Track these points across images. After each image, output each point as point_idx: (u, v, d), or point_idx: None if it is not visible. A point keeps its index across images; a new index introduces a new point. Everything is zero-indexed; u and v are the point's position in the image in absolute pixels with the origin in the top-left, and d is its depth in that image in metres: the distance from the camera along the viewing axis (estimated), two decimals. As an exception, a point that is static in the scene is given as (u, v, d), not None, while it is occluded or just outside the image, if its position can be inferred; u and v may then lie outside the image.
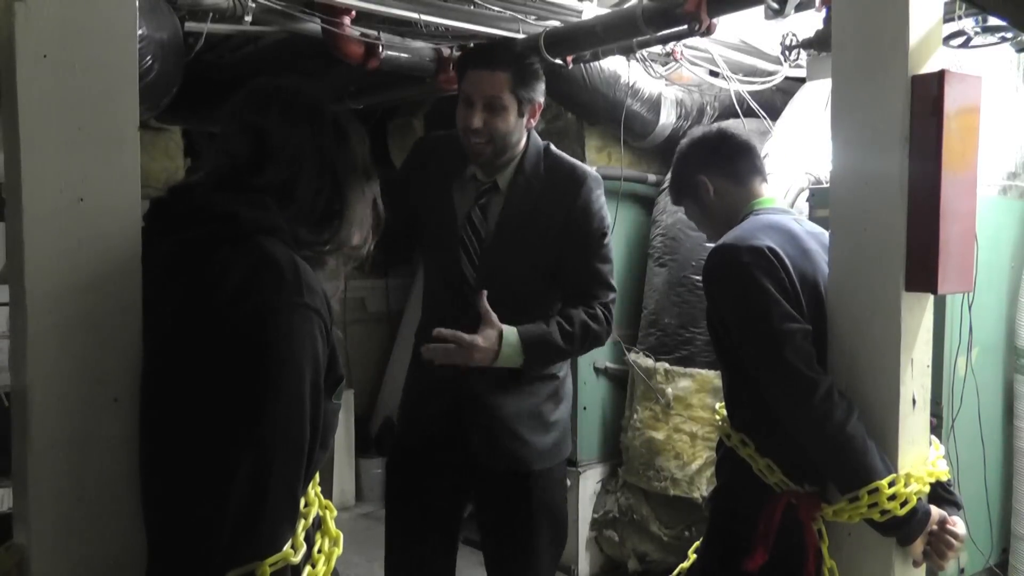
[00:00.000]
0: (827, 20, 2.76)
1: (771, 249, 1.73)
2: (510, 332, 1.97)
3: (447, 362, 1.94)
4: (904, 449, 1.65)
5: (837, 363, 1.71)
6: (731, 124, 3.54)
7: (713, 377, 3.46)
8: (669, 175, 2.15)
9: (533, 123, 2.12)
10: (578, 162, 2.19)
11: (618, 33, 2.91)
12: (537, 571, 2.16)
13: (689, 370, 3.54)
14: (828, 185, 2.02)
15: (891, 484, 1.59)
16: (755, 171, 1.97)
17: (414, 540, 2.18)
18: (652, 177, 3.87)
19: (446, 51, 3.27)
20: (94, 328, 1.21)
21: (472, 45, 3.12)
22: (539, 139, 2.17)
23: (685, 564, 2.02)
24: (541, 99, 2.11)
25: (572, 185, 2.10)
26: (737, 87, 3.49)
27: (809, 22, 3.00)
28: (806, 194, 3.24)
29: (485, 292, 1.97)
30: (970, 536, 1.88)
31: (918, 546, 1.63)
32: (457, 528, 2.24)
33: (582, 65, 3.30)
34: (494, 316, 1.96)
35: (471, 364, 1.94)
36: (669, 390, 3.54)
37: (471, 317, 1.98)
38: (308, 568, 1.24)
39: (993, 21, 2.59)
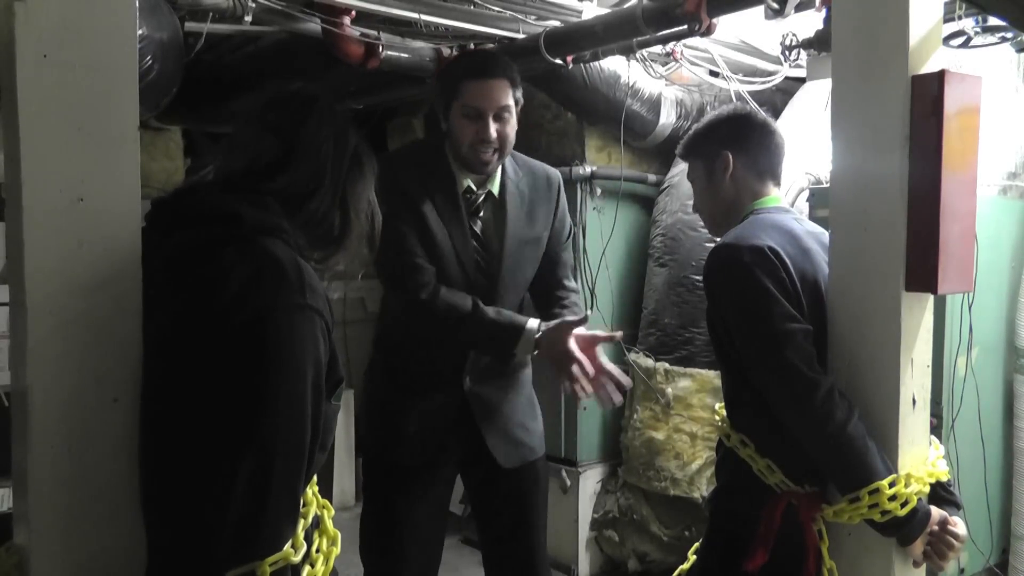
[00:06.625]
0: (827, 20, 2.76)
1: (772, 249, 1.73)
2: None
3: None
4: (904, 449, 1.65)
5: (837, 363, 1.71)
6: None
7: (713, 377, 3.46)
8: (693, 130, 2.03)
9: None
10: (537, 161, 2.29)
11: (618, 33, 2.90)
12: (544, 550, 2.25)
13: (689, 370, 3.54)
14: (828, 185, 2.02)
15: (891, 484, 1.59)
16: (773, 173, 1.95)
17: (421, 544, 2.16)
18: (652, 177, 3.87)
19: (446, 51, 3.26)
20: (94, 328, 1.21)
21: (457, 54, 3.08)
22: None
23: (685, 565, 2.02)
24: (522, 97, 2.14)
25: (552, 183, 2.24)
26: (737, 87, 3.49)
27: (809, 22, 3.00)
28: (806, 194, 3.24)
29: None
30: (970, 536, 1.87)
31: (918, 546, 1.63)
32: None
33: (582, 65, 3.29)
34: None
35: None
36: (669, 390, 3.54)
37: None
38: (307, 568, 1.25)
39: (993, 21, 2.58)
